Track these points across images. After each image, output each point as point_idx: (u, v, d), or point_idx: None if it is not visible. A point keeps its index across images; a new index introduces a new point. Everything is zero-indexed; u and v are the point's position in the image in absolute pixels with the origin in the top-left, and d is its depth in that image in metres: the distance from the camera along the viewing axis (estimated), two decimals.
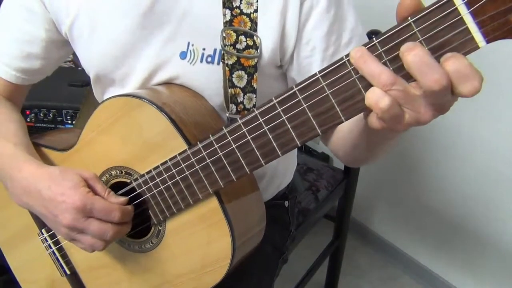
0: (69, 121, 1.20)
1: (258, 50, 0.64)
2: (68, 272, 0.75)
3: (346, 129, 0.61)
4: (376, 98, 0.39)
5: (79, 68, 0.78)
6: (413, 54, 0.37)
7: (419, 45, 0.37)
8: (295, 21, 0.63)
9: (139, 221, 0.67)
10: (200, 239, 0.63)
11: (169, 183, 0.60)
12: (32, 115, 1.20)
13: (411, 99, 0.39)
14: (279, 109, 0.47)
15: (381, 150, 0.60)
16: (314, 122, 0.46)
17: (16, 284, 0.81)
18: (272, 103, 0.47)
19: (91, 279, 0.75)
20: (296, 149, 0.95)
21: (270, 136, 0.49)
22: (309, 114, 0.45)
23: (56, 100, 1.21)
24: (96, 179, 0.62)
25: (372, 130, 0.44)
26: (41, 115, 1.20)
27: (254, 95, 0.66)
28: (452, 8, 0.36)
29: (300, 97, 0.45)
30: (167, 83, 0.69)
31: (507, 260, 1.34)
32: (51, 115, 1.20)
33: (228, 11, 0.63)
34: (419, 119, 0.40)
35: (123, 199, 0.62)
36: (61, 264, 0.75)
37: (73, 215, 0.59)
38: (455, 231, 1.45)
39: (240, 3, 0.63)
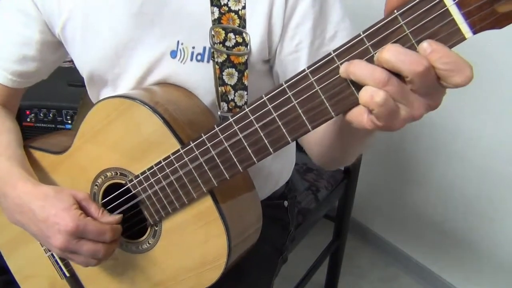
0: (69, 121, 1.20)
1: (248, 47, 0.64)
2: (68, 275, 0.75)
3: (321, 129, 0.61)
4: (370, 93, 0.39)
5: None
6: (387, 51, 0.38)
7: (389, 44, 0.39)
8: (280, 16, 0.63)
9: (135, 222, 0.67)
10: (196, 239, 0.63)
11: (164, 183, 0.60)
12: (32, 115, 1.20)
13: (406, 94, 0.39)
14: (269, 106, 0.47)
15: (355, 150, 0.60)
16: (304, 118, 0.46)
17: (16, 285, 0.81)
18: (262, 100, 0.47)
19: (90, 281, 0.75)
20: (294, 148, 0.95)
21: (261, 134, 0.49)
22: (299, 111, 0.45)
23: (56, 100, 1.21)
24: (90, 200, 0.63)
25: (348, 129, 0.44)
26: (41, 115, 1.20)
27: (245, 92, 0.66)
28: (438, 0, 0.36)
29: (289, 94, 0.45)
30: (161, 83, 0.69)
31: (507, 259, 1.34)
32: (51, 115, 1.20)
33: (216, 9, 0.63)
34: (414, 114, 0.40)
35: (117, 217, 0.63)
36: (60, 267, 0.75)
37: (65, 237, 0.59)
38: (455, 231, 1.44)
39: (228, 0, 0.63)
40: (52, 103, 1.21)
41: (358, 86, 0.41)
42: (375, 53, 0.40)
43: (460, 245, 1.45)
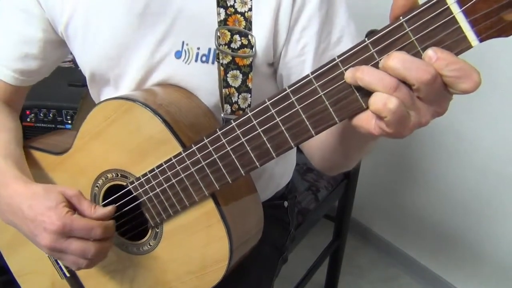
0: (69, 121, 1.20)
1: (253, 49, 0.63)
2: (68, 275, 0.75)
3: (323, 134, 0.60)
4: (383, 100, 0.39)
5: (79, 68, 0.77)
6: (393, 58, 0.38)
7: (394, 51, 0.38)
8: (287, 18, 0.63)
9: (136, 223, 0.67)
10: (198, 241, 0.63)
11: (165, 185, 0.60)
12: (32, 115, 1.20)
13: (414, 100, 0.39)
14: (273, 111, 0.47)
15: (357, 155, 0.60)
16: (308, 124, 0.45)
17: (16, 285, 0.81)
18: (265, 104, 0.47)
19: (90, 281, 0.75)
20: (295, 150, 0.95)
21: (264, 138, 0.49)
22: (303, 116, 0.45)
23: (56, 100, 1.20)
24: (80, 196, 0.61)
25: (351, 134, 0.43)
26: (41, 115, 1.20)
27: (249, 95, 0.65)
28: (444, 7, 0.36)
29: (293, 99, 0.45)
30: (162, 84, 0.69)
31: (506, 260, 1.34)
32: (51, 115, 1.20)
33: (222, 10, 0.63)
34: (421, 121, 0.40)
35: (110, 208, 0.61)
36: (60, 267, 0.75)
37: (52, 236, 0.58)
38: (455, 231, 1.44)
39: (235, 2, 0.62)
40: (52, 103, 1.20)
41: (363, 92, 0.41)
42: (380, 60, 0.39)
43: (460, 245, 1.45)
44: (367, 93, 0.40)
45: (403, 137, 0.42)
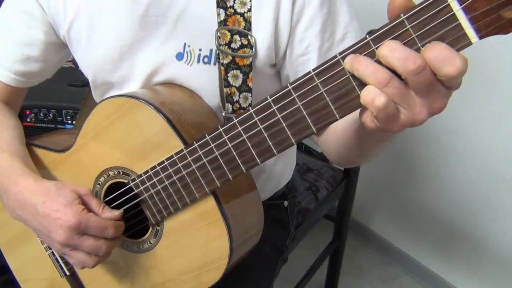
0: (69, 121, 1.20)
1: (253, 49, 0.64)
2: (68, 273, 0.75)
3: (340, 129, 0.61)
4: (372, 96, 0.39)
5: (79, 68, 0.78)
6: (385, 46, 0.38)
7: (390, 40, 0.39)
8: (287, 19, 0.63)
9: (137, 221, 0.67)
10: (198, 239, 0.63)
11: (166, 182, 0.60)
12: (32, 115, 1.20)
13: (407, 97, 0.39)
14: (274, 108, 0.47)
15: (373, 152, 0.60)
16: (309, 120, 0.46)
17: (16, 285, 0.81)
18: (267, 101, 0.47)
19: (90, 279, 0.75)
20: (295, 149, 0.95)
21: (266, 135, 0.49)
22: (304, 113, 0.46)
23: (56, 100, 1.21)
24: (91, 195, 0.63)
25: (367, 131, 0.44)
26: (41, 115, 1.20)
27: (250, 94, 0.66)
28: (444, 4, 0.37)
29: (294, 95, 0.45)
30: (166, 83, 0.69)
31: (507, 260, 1.34)
32: (51, 115, 1.20)
33: (222, 11, 0.63)
34: (414, 119, 0.40)
35: (117, 212, 0.62)
36: (60, 265, 0.75)
37: (67, 233, 0.59)
38: (455, 231, 1.45)
39: (234, 2, 0.63)
40: (52, 103, 1.21)
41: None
42: None
43: (460, 245, 1.45)
44: None
45: (394, 133, 0.42)
